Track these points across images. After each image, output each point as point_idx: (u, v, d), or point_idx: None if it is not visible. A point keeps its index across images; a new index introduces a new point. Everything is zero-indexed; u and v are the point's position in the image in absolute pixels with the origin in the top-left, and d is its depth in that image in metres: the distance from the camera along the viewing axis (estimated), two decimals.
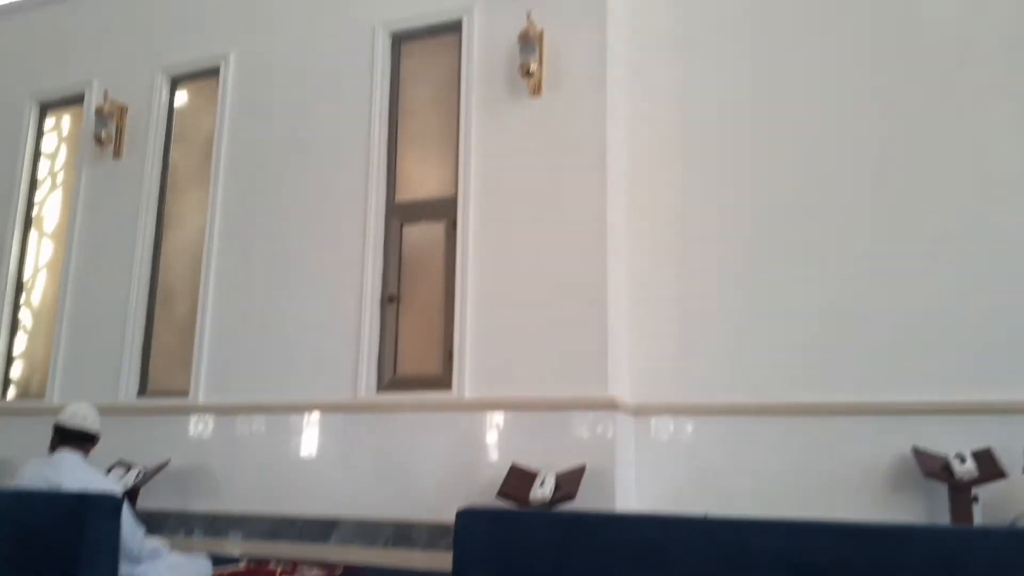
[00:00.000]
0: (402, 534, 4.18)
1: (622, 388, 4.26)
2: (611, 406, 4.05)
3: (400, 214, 4.75)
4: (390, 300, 4.63)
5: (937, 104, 4.17)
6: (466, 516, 1.98)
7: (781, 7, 4.53)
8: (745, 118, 4.49)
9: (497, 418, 4.24)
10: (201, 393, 4.91)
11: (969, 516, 3.49)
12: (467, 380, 4.29)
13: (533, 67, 4.38)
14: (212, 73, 5.38)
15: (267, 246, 4.96)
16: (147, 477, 4.54)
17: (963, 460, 3.58)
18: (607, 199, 4.28)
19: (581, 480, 3.81)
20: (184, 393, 4.94)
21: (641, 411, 4.35)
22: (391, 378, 4.57)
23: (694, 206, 4.50)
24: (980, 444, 3.61)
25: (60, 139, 5.96)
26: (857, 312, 4.08)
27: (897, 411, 3.89)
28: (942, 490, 3.66)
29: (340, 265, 4.70)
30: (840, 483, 3.94)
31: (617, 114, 4.49)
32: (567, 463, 3.95)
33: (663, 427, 4.36)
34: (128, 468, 4.59)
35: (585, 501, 3.78)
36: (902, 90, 4.24)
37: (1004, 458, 3.52)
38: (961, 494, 3.53)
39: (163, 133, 5.49)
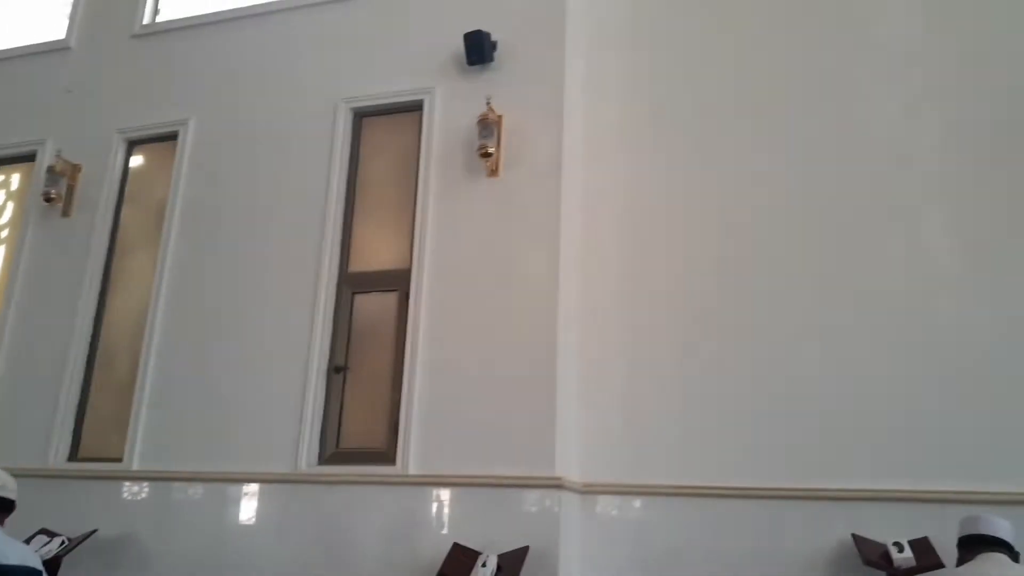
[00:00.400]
0: None
1: (569, 467, 4.24)
2: (557, 485, 4.03)
3: (352, 284, 4.76)
4: (337, 371, 4.59)
5: (871, 204, 4.37)
6: None
7: (723, 105, 4.75)
8: (691, 206, 4.65)
9: (441, 494, 4.18)
10: (136, 459, 4.74)
11: None
12: (412, 454, 4.23)
13: (491, 149, 4.51)
14: (170, 137, 5.39)
15: (214, 312, 4.91)
16: (70, 547, 4.32)
17: (901, 548, 3.63)
18: (559, 279, 4.35)
19: (524, 561, 3.75)
20: (118, 459, 4.77)
21: (588, 490, 4.32)
22: (334, 451, 4.48)
23: (643, 288, 4.60)
24: (917, 533, 3.66)
25: (8, 195, 5.86)
26: (802, 399, 4.17)
27: (839, 498, 3.94)
28: None
29: (288, 334, 4.66)
30: (782, 568, 3.94)
31: (571, 197, 4.62)
32: (511, 542, 3.89)
33: (610, 507, 4.34)
34: (51, 537, 4.37)
35: None
36: (839, 189, 4.44)
37: (939, 548, 3.57)
38: None
39: (115, 194, 5.44)
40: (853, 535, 3.81)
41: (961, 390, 3.98)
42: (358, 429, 4.52)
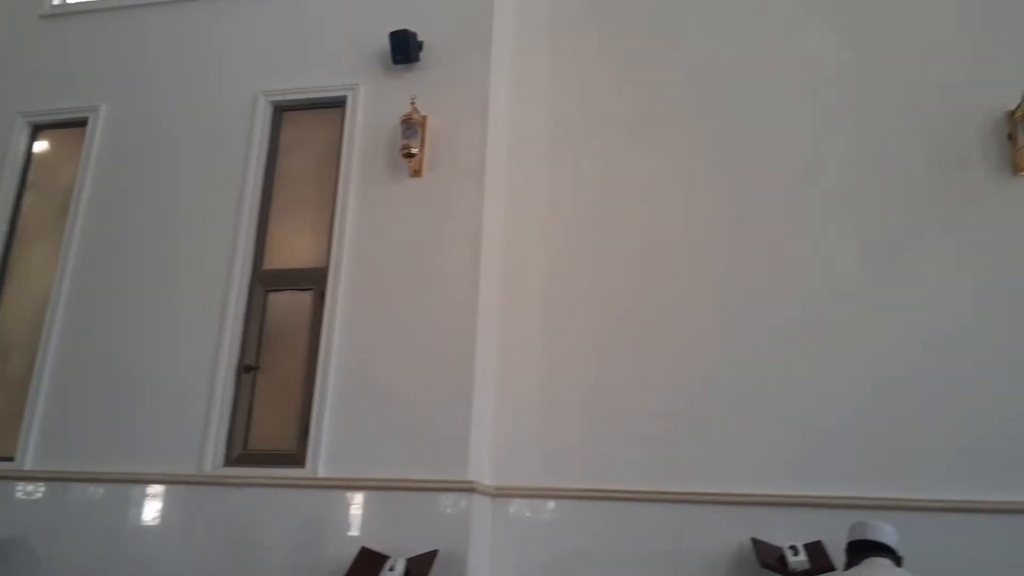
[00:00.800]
0: None
1: (483, 470, 4.25)
2: (469, 489, 4.02)
3: (266, 281, 4.66)
4: (247, 370, 4.48)
5: (782, 214, 4.51)
6: None
7: (646, 112, 4.84)
8: (613, 213, 4.71)
9: (351, 498, 4.11)
10: (30, 458, 4.53)
11: None
12: (322, 457, 4.16)
13: (414, 149, 4.47)
14: (79, 124, 5.17)
15: (120, 306, 4.73)
16: None
17: (796, 552, 3.76)
18: (480, 282, 4.35)
19: (433, 565, 3.74)
20: (10, 458, 4.55)
21: (500, 493, 4.33)
22: (241, 452, 4.38)
23: (564, 293, 4.64)
24: (812, 537, 3.80)
25: None
26: (708, 405, 4.27)
27: (739, 502, 4.05)
28: None
29: (197, 331, 4.53)
30: (685, 570, 4.04)
31: (495, 200, 4.63)
32: (422, 546, 3.86)
33: (522, 510, 4.35)
34: None
35: None
36: (753, 199, 4.57)
37: (831, 551, 3.71)
38: None
39: (17, 180, 5.20)
40: (752, 539, 3.92)
41: (857, 398, 4.13)
42: (267, 430, 4.43)
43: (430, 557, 3.79)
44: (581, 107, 4.94)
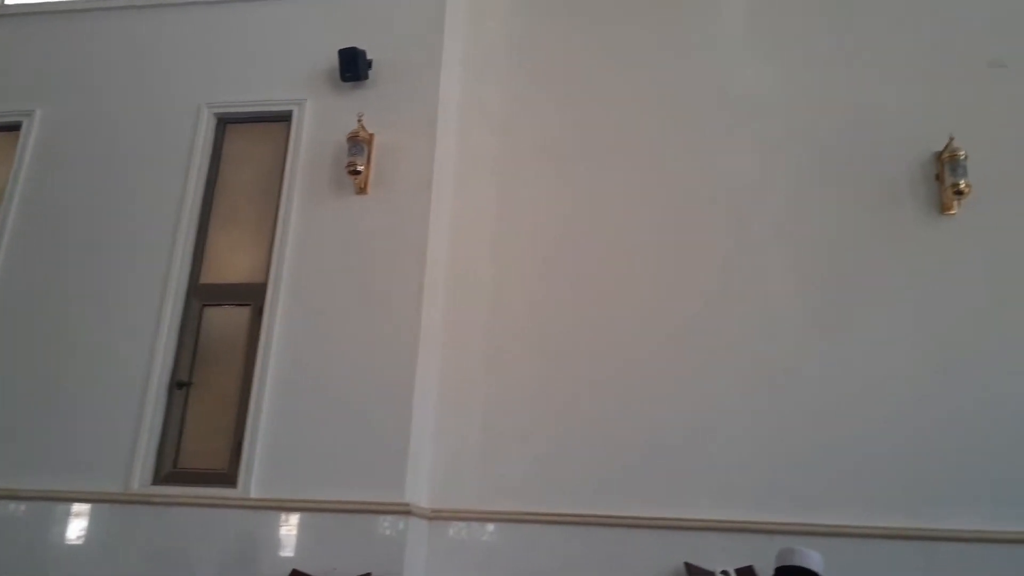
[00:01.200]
0: None
1: (420, 493, 4.21)
2: (406, 511, 3.97)
3: (202, 295, 4.56)
4: (179, 386, 4.37)
5: (721, 248, 4.60)
6: None
7: (594, 138, 4.89)
8: (559, 235, 4.75)
9: (284, 519, 4.03)
10: None
11: None
12: (254, 477, 4.08)
13: (360, 167, 4.45)
14: (12, 128, 5.01)
15: (49, 316, 4.58)
16: None
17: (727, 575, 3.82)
18: (423, 302, 4.33)
19: None
20: None
21: (437, 516, 4.30)
22: (171, 470, 4.26)
23: (507, 316, 4.64)
24: (743, 562, 3.85)
25: None
26: (648, 431, 4.31)
27: (676, 527, 4.09)
28: None
29: (129, 344, 4.41)
30: None
31: (440, 220, 4.63)
32: (356, 569, 3.81)
33: (459, 534, 4.32)
34: None
35: None
36: (694, 226, 4.66)
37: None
38: None
39: None
40: (685, 563, 3.96)
41: (792, 428, 4.22)
42: (198, 448, 4.32)
43: None
44: (529, 128, 4.98)
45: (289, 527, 4.03)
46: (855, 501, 4.04)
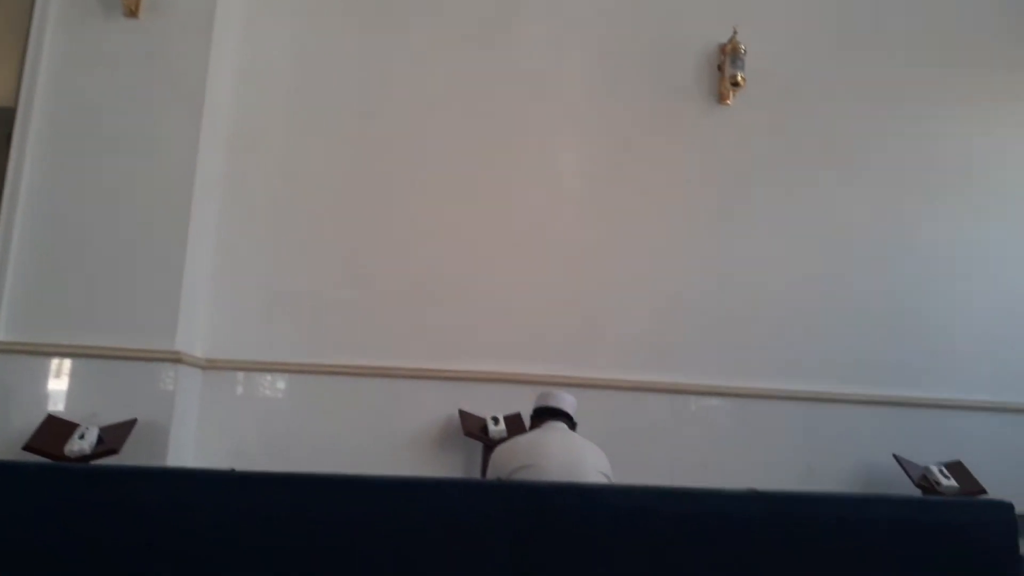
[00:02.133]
0: None
1: (194, 342, 4.08)
2: (175, 359, 3.85)
3: None
4: None
5: (517, 126, 4.67)
6: None
7: None
8: (361, 87, 4.59)
9: (41, 364, 3.77)
10: None
11: None
12: (3, 318, 3.76)
13: None
14: None
15: None
16: None
17: (497, 422, 4.11)
18: (199, 145, 4.04)
19: (128, 435, 3.57)
20: None
21: (213, 366, 4.21)
22: None
23: (296, 167, 4.49)
24: (511, 410, 4.15)
25: None
26: (429, 285, 4.44)
27: (449, 378, 4.33)
28: (478, 447, 4.15)
29: None
30: (399, 442, 4.25)
31: (223, 59, 4.28)
32: (119, 417, 3.67)
33: (236, 384, 4.29)
34: None
35: (135, 457, 3.53)
36: (495, 97, 4.68)
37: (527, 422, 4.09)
38: (491, 451, 4.02)
39: None
40: (459, 411, 4.21)
41: (561, 291, 4.53)
42: None
43: (127, 426, 3.61)
44: None
45: (46, 373, 3.78)
46: (613, 357, 4.50)
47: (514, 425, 4.09)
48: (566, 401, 3.10)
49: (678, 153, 4.78)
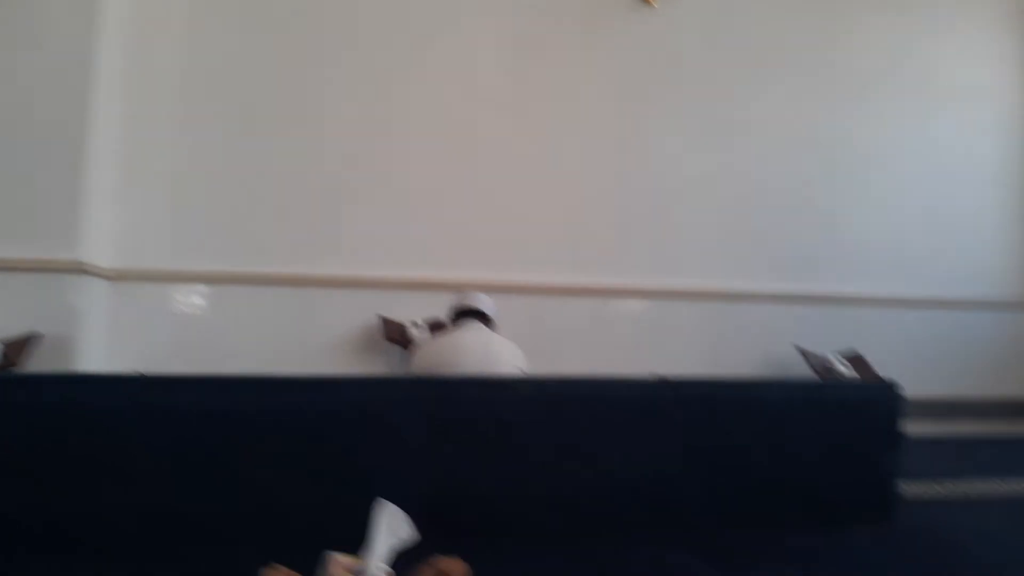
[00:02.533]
0: None
1: (99, 251, 3.92)
2: (79, 270, 3.70)
3: None
4: None
5: (433, 20, 4.54)
6: None
7: None
8: None
9: None
10: None
11: None
12: None
13: None
14: None
15: None
16: None
17: (417, 326, 4.12)
18: (99, 42, 3.80)
19: (27, 348, 3.44)
20: None
21: (121, 277, 4.07)
22: None
23: (201, 69, 4.26)
24: (432, 313, 4.17)
25: None
26: (345, 193, 4.35)
27: (371, 285, 4.29)
28: (399, 353, 4.17)
29: None
30: (317, 348, 4.24)
31: None
32: (17, 330, 3.53)
33: (146, 295, 4.16)
34: None
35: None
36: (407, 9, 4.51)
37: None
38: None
39: None
40: (379, 316, 4.21)
41: (476, 191, 4.52)
42: None
43: (28, 340, 3.48)
44: None
45: None
46: (528, 259, 4.54)
47: (436, 328, 4.11)
48: (484, 301, 3.13)
49: (599, 54, 4.73)
